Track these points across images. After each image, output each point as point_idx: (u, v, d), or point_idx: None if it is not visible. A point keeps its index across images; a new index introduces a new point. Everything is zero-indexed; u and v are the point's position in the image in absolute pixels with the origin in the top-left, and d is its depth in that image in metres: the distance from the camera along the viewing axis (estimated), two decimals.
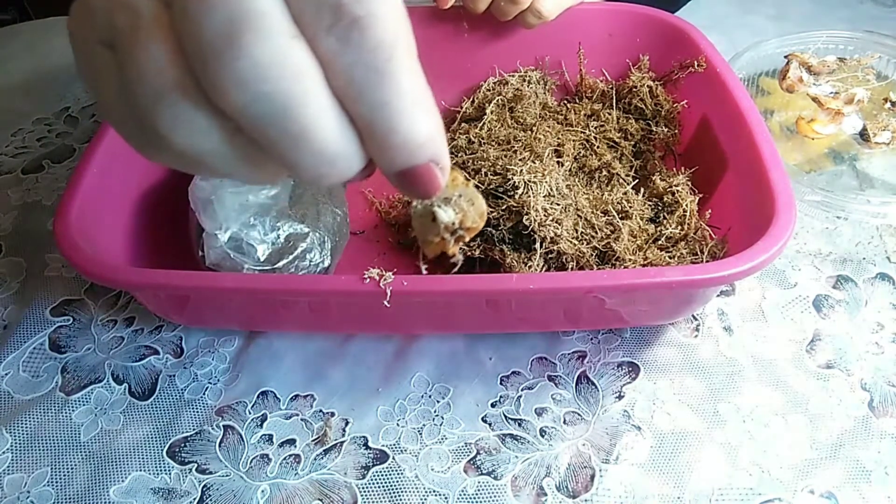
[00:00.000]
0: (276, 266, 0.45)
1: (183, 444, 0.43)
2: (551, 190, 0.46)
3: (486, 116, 0.57)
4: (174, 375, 0.47)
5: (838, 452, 0.42)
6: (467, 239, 0.28)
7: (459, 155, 0.54)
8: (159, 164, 0.24)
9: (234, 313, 0.47)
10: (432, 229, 0.28)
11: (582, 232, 0.46)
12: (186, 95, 0.20)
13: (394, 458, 0.42)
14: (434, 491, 0.41)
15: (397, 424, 0.44)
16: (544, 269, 0.45)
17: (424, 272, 0.36)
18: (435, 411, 0.45)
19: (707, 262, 0.45)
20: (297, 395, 0.46)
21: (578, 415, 0.44)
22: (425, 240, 0.29)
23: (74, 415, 0.45)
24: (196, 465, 0.42)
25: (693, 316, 0.49)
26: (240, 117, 0.19)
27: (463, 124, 0.59)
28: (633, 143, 0.56)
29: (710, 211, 0.49)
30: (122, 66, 0.20)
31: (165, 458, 0.43)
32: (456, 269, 0.32)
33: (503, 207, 0.46)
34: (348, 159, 0.21)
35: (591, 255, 0.46)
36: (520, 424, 0.44)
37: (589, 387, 0.45)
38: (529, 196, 0.45)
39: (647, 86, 0.57)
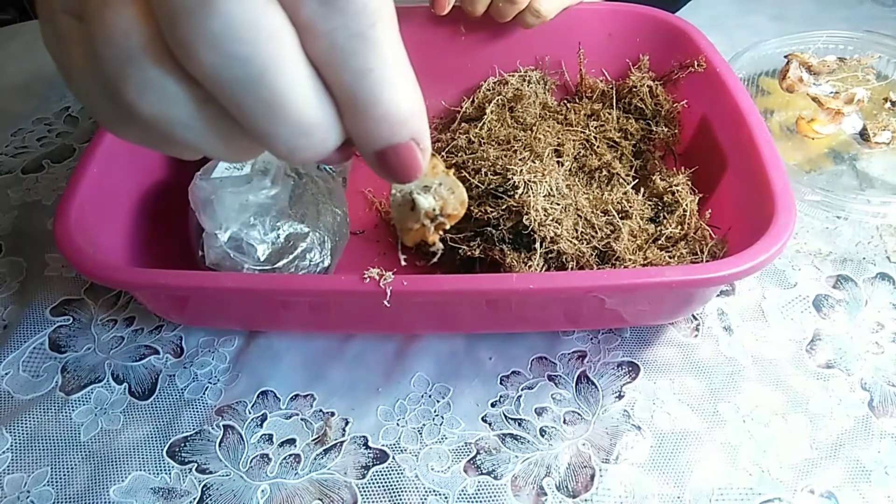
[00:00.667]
0: (276, 266, 0.45)
1: (183, 444, 0.43)
2: (551, 190, 0.46)
3: (486, 116, 0.57)
4: (174, 375, 0.47)
5: (838, 452, 0.42)
6: (447, 226, 0.28)
7: (459, 155, 0.54)
8: (128, 140, 0.23)
9: (234, 313, 0.47)
10: (412, 217, 0.28)
11: (582, 232, 0.46)
12: (155, 59, 0.19)
13: (394, 458, 0.42)
14: (434, 491, 0.41)
15: (397, 424, 0.44)
16: (544, 269, 0.45)
17: (403, 262, 0.36)
18: (435, 411, 0.45)
19: (707, 262, 0.45)
20: (297, 395, 0.46)
21: (578, 414, 0.44)
22: (404, 228, 0.28)
23: (74, 414, 0.45)
24: (196, 464, 0.42)
25: (693, 316, 0.49)
26: (211, 82, 0.18)
27: (463, 124, 0.59)
28: (633, 142, 0.56)
29: (710, 211, 0.49)
30: (89, 31, 0.19)
31: (165, 458, 0.43)
32: (436, 259, 0.32)
33: (503, 207, 0.46)
34: (324, 131, 0.20)
35: (591, 255, 0.46)
36: (520, 424, 0.44)
37: (589, 386, 0.45)
38: (529, 196, 0.45)
39: (647, 86, 0.57)
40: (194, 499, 0.41)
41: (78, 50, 0.20)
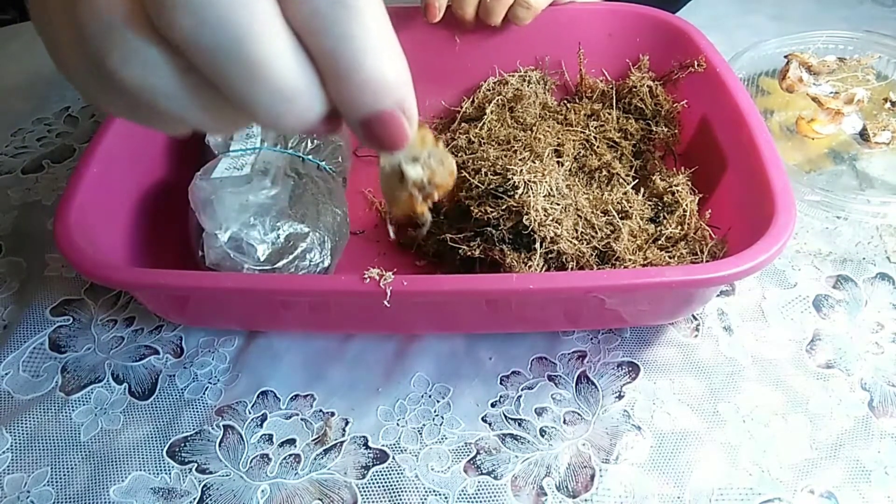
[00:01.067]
0: (276, 266, 0.45)
1: (183, 444, 0.43)
2: (551, 190, 0.46)
3: (486, 116, 0.57)
4: (174, 375, 0.47)
5: (838, 452, 0.42)
6: (436, 197, 0.27)
7: (459, 155, 0.54)
8: (116, 115, 0.23)
9: (234, 313, 0.47)
10: (400, 188, 0.27)
11: (582, 232, 0.46)
12: (137, 28, 0.19)
13: (394, 458, 0.42)
14: (434, 491, 0.41)
15: (397, 424, 0.44)
16: (544, 269, 0.45)
17: (392, 236, 0.36)
18: (435, 411, 0.45)
19: (707, 262, 0.45)
20: (297, 395, 0.46)
21: (578, 415, 0.44)
22: (393, 198, 0.28)
23: (74, 414, 0.45)
24: (196, 464, 0.42)
25: (693, 316, 0.49)
26: (190, 48, 0.19)
27: (463, 124, 0.59)
28: (633, 143, 0.56)
29: (710, 211, 0.49)
30: (74, 4, 0.20)
31: (165, 458, 0.43)
32: (425, 231, 0.32)
33: (503, 207, 0.46)
34: (308, 99, 0.20)
35: (591, 255, 0.46)
36: (520, 424, 0.44)
37: (589, 387, 0.45)
38: (529, 196, 0.45)
39: (647, 86, 0.57)
40: (194, 499, 0.41)
41: (64, 26, 0.21)
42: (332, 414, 0.45)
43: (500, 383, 0.46)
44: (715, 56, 0.53)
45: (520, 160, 0.49)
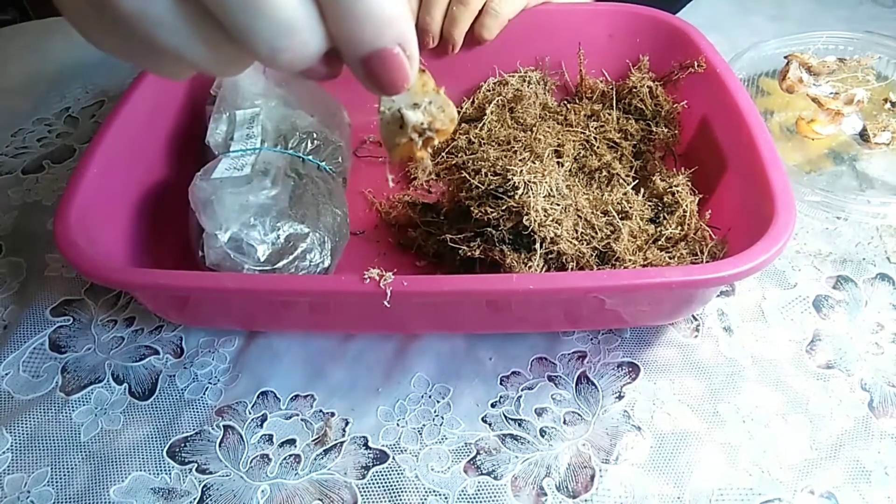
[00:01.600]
0: (276, 266, 0.45)
1: (183, 444, 0.43)
2: (551, 190, 0.46)
3: (486, 117, 0.57)
4: (174, 375, 0.47)
5: (838, 452, 0.42)
6: (436, 143, 0.27)
7: (459, 155, 0.54)
8: (112, 53, 0.23)
9: (235, 313, 0.47)
10: (400, 134, 0.27)
11: (582, 232, 0.46)
12: None
13: (394, 458, 0.42)
14: (434, 491, 0.41)
15: (397, 424, 0.44)
16: (544, 269, 0.45)
17: (392, 184, 0.35)
18: (435, 411, 0.45)
19: (707, 262, 0.45)
20: (297, 395, 0.46)
21: (578, 415, 0.44)
22: (392, 145, 0.27)
23: (74, 415, 0.45)
24: (196, 465, 0.42)
25: (693, 316, 0.49)
26: None
27: (463, 124, 0.59)
28: (633, 143, 0.56)
29: (709, 211, 0.49)
30: None
31: (165, 458, 0.43)
32: (426, 177, 0.31)
33: (503, 207, 0.46)
34: (307, 32, 0.20)
35: (591, 255, 0.46)
36: (520, 424, 0.44)
37: (589, 387, 0.45)
38: (529, 196, 0.45)
39: (647, 86, 0.57)
40: (194, 499, 0.41)
41: None
42: (332, 414, 0.45)
43: (500, 383, 0.46)
44: (715, 56, 0.53)
45: (520, 161, 0.49)
